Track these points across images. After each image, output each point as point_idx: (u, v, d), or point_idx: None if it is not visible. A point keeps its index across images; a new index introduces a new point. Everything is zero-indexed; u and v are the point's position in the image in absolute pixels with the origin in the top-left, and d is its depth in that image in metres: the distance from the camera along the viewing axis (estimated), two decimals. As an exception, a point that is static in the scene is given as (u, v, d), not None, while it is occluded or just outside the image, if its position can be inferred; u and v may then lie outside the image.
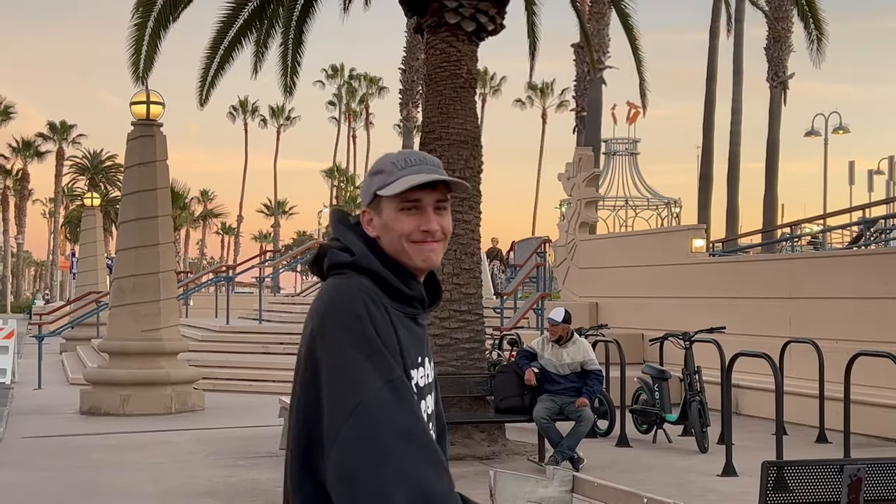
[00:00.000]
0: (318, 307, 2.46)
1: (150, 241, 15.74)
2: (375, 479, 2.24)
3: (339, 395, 2.32)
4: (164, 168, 16.19)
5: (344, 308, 2.41)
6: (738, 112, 36.26)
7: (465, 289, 12.27)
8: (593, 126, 31.69)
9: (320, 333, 2.40)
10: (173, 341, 15.99)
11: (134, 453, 11.74)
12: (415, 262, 2.54)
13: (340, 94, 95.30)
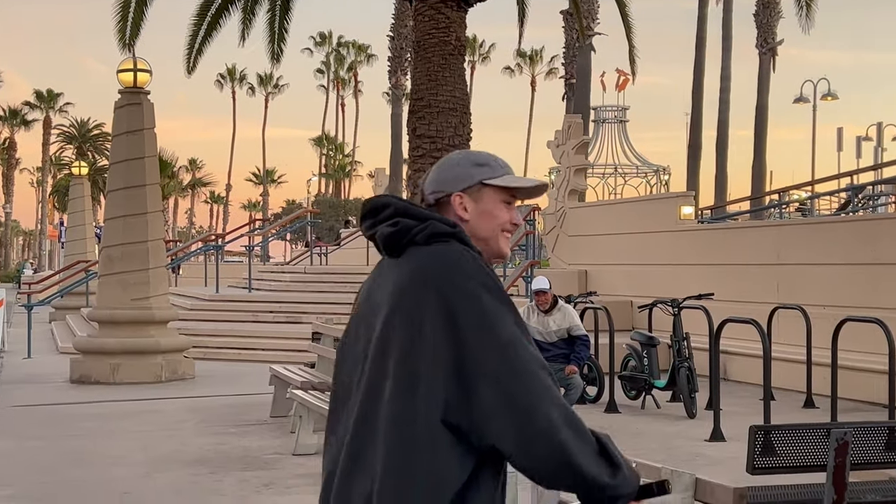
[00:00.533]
0: (436, 267, 2.61)
1: (138, 209, 15.71)
2: (537, 404, 2.49)
3: (489, 337, 2.52)
4: (152, 136, 16.12)
5: (470, 264, 2.62)
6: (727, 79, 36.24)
7: (454, 256, 12.28)
8: (582, 93, 31.62)
9: (452, 285, 2.56)
10: (163, 310, 16.00)
11: (124, 421, 11.76)
12: (501, 249, 2.83)
13: (329, 61, 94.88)
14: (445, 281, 2.58)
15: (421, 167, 12.22)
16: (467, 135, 12.33)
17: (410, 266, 2.64)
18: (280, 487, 8.25)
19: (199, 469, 8.99)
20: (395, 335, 2.57)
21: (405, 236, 2.69)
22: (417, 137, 12.26)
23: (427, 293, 2.57)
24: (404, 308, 2.59)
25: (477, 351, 2.51)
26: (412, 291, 2.59)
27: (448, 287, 2.56)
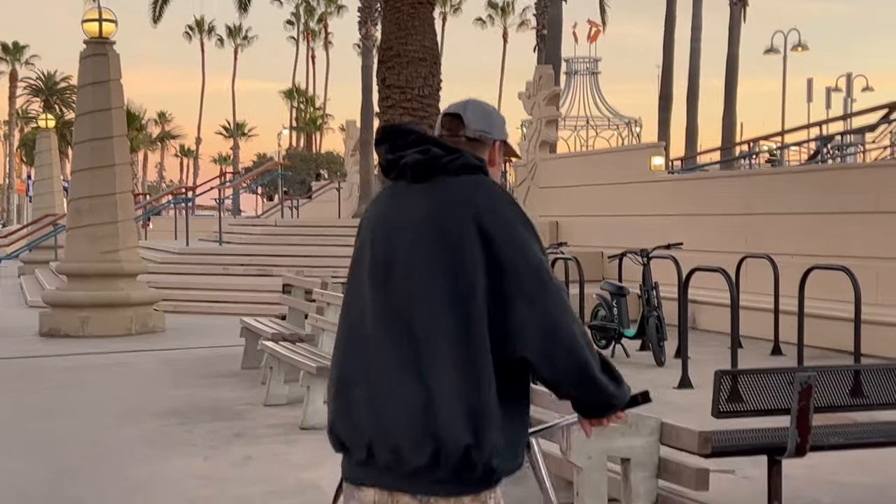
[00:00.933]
0: (468, 197, 2.87)
1: (105, 161, 15.56)
2: (562, 320, 2.81)
3: (522, 262, 2.81)
4: (119, 87, 15.94)
5: (504, 196, 2.93)
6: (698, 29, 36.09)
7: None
8: (553, 45, 31.39)
9: (491, 213, 2.83)
10: (132, 263, 15.91)
11: (94, 374, 11.73)
12: None
13: (298, 12, 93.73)
14: (485, 209, 2.83)
15: (390, 118, 12.15)
16: (437, 85, 12.27)
17: (449, 193, 2.88)
18: (251, 437, 8.26)
19: (169, 420, 8.99)
20: (438, 256, 2.82)
21: (435, 164, 2.91)
22: (387, 88, 12.19)
23: (467, 218, 2.81)
24: (446, 231, 2.82)
25: (512, 274, 2.79)
26: (454, 216, 2.83)
27: (488, 215, 2.82)
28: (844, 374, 6.08)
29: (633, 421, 5.09)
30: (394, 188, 3.01)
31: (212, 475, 7.05)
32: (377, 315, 2.87)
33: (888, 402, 6.20)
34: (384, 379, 2.80)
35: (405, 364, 2.78)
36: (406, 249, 2.86)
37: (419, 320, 2.80)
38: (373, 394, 2.81)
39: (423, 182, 2.91)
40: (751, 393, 5.67)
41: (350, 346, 2.93)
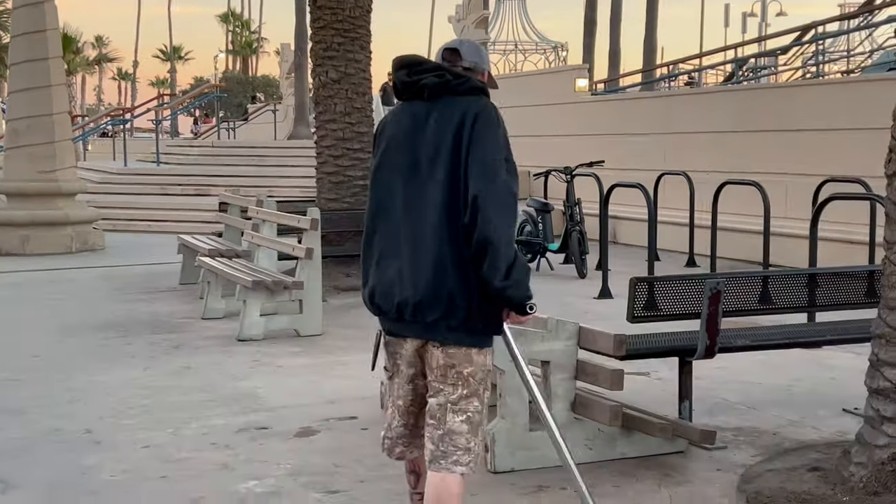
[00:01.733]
0: (473, 108, 3.53)
1: (41, 82, 15.20)
2: (500, 174, 3.47)
3: (492, 148, 3.48)
4: (53, 9, 15.48)
5: (496, 113, 3.56)
6: (622, -44, 35.90)
7: (357, 127, 12.15)
8: (483, -30, 31.06)
9: (476, 117, 3.50)
10: (70, 182, 15.66)
11: (37, 290, 11.58)
12: None
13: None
14: (484, 120, 3.50)
15: (322, 38, 11.96)
16: (368, 6, 12.08)
17: (456, 108, 3.53)
18: (189, 349, 8.24)
19: (109, 333, 8.93)
20: (448, 159, 3.47)
21: (447, 85, 3.58)
22: (318, 9, 11.98)
23: (471, 124, 3.48)
24: (455, 130, 3.48)
25: (477, 160, 3.44)
26: (468, 123, 3.48)
27: (484, 124, 3.49)
28: (752, 280, 6.21)
29: (553, 326, 5.15)
30: (411, 107, 3.64)
31: (151, 385, 7.03)
32: (407, 204, 3.54)
33: (793, 307, 6.35)
34: (411, 254, 3.48)
35: (426, 243, 3.46)
36: (426, 155, 3.52)
37: (437, 209, 3.46)
38: (403, 266, 3.49)
39: (436, 100, 3.57)
40: (665, 299, 5.77)
41: (388, 230, 3.58)
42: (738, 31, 42.27)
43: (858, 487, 4.49)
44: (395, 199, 3.58)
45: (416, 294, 3.45)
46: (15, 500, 4.81)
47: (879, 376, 4.65)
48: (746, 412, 6.16)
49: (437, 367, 3.54)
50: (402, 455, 3.79)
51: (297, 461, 5.33)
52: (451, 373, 3.52)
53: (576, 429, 5.16)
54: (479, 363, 3.56)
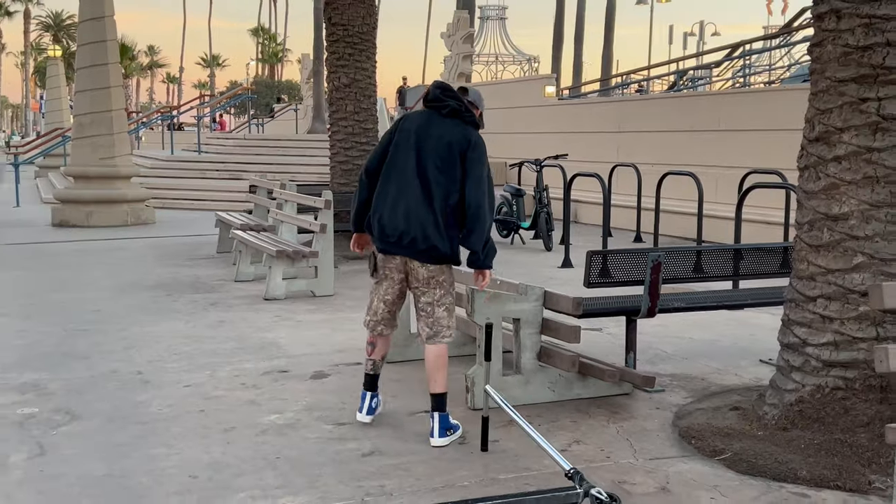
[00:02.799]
0: (466, 134, 4.53)
1: (102, 84, 15.08)
2: (488, 187, 4.53)
3: (483, 169, 4.50)
4: (112, 22, 15.34)
5: (481, 141, 4.55)
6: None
7: (364, 124, 12.09)
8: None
9: (473, 146, 4.50)
10: (126, 167, 15.57)
11: (97, 256, 11.54)
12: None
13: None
14: (480, 148, 4.52)
15: (335, 50, 11.89)
16: (373, 24, 11.99)
17: (459, 128, 4.53)
18: (224, 306, 8.23)
19: (157, 292, 8.91)
20: (445, 154, 4.46)
21: (460, 111, 4.57)
22: (332, 25, 11.89)
23: (463, 143, 4.48)
24: (452, 144, 4.47)
25: (473, 173, 4.46)
26: (458, 140, 4.48)
27: (480, 152, 4.51)
28: (688, 254, 6.21)
29: (523, 290, 5.15)
30: (428, 114, 4.60)
31: (192, 335, 7.02)
32: (413, 174, 4.46)
33: (721, 276, 6.35)
34: (415, 206, 4.43)
35: (424, 201, 4.43)
36: (432, 146, 4.48)
37: (433, 182, 4.44)
38: (409, 212, 4.43)
39: (448, 118, 4.55)
40: (615, 269, 5.77)
41: (399, 188, 4.48)
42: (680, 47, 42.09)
43: (771, 424, 4.52)
44: (407, 166, 4.48)
45: (413, 232, 4.42)
46: (81, 428, 4.82)
47: (790, 333, 4.67)
48: (680, 362, 6.19)
49: (423, 279, 4.54)
50: (381, 332, 4.84)
51: (311, 399, 5.34)
52: (432, 282, 4.55)
53: (540, 374, 5.18)
54: (448, 275, 4.61)
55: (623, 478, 4.08)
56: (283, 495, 3.90)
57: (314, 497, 3.88)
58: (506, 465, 4.25)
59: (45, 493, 3.94)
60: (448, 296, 4.60)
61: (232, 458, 4.36)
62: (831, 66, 4.47)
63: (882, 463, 4.03)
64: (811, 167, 4.61)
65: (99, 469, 4.22)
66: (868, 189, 4.37)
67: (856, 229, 4.40)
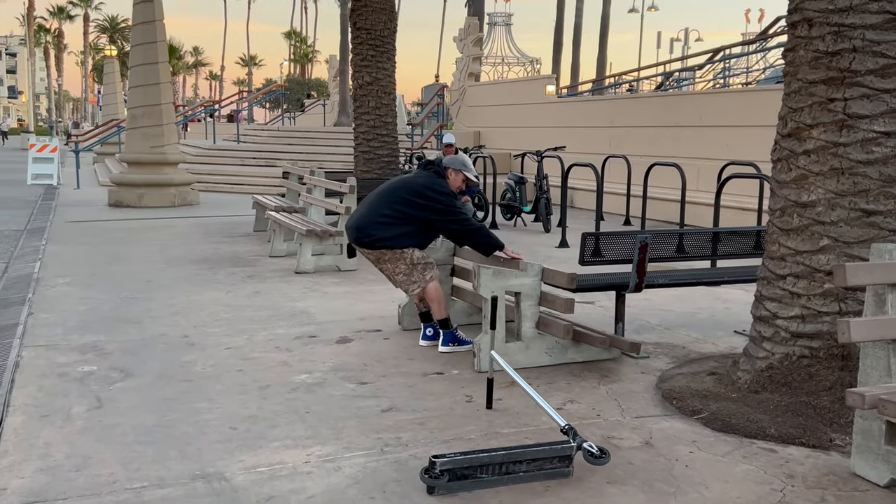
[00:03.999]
0: (429, 184, 5.46)
1: (152, 80, 15.05)
2: (462, 221, 5.44)
3: (450, 207, 5.40)
4: (162, 26, 15.29)
5: (445, 185, 5.50)
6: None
7: (384, 118, 12.06)
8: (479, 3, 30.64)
9: (440, 193, 5.42)
10: (174, 154, 15.55)
11: (147, 233, 11.58)
12: (454, 191, 5.64)
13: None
14: (435, 190, 5.42)
15: (359, 51, 11.84)
16: (394, 28, 11.94)
17: (425, 177, 5.51)
18: (259, 278, 8.25)
19: (201, 265, 8.93)
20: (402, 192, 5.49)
21: (434, 166, 5.59)
22: (357, 29, 11.84)
23: (424, 191, 5.41)
24: (409, 191, 5.46)
25: (446, 211, 5.41)
26: (424, 186, 5.44)
27: (434, 192, 5.40)
28: (671, 236, 6.18)
29: (524, 266, 5.15)
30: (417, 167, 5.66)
31: (231, 303, 7.04)
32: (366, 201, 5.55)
33: (701, 256, 6.33)
34: (364, 213, 5.45)
35: (371, 211, 5.43)
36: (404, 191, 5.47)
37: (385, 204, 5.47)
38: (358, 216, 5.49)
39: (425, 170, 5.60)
40: (607, 249, 5.76)
41: (362, 203, 5.54)
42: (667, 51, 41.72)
43: (743, 387, 4.51)
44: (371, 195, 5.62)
45: (359, 229, 5.50)
46: (134, 384, 4.85)
47: (762, 307, 4.65)
48: (663, 332, 6.18)
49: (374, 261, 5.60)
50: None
51: (336, 361, 5.36)
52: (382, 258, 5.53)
53: (539, 341, 5.18)
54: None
55: (612, 433, 4.09)
56: (313, 444, 3.93)
57: (339, 447, 3.90)
58: (508, 420, 4.26)
59: (103, 441, 3.97)
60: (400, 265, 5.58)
61: (267, 411, 4.39)
62: (803, 70, 4.43)
63: (842, 423, 4.02)
64: (783, 160, 4.57)
65: (150, 420, 4.25)
66: (834, 180, 4.34)
67: (822, 215, 4.37)
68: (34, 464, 3.70)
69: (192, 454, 3.81)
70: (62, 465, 3.69)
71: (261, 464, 3.70)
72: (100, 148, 27.62)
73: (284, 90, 34.96)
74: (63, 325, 6.26)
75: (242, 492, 3.42)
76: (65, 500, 3.34)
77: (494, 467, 3.44)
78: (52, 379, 4.94)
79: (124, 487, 3.45)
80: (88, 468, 3.65)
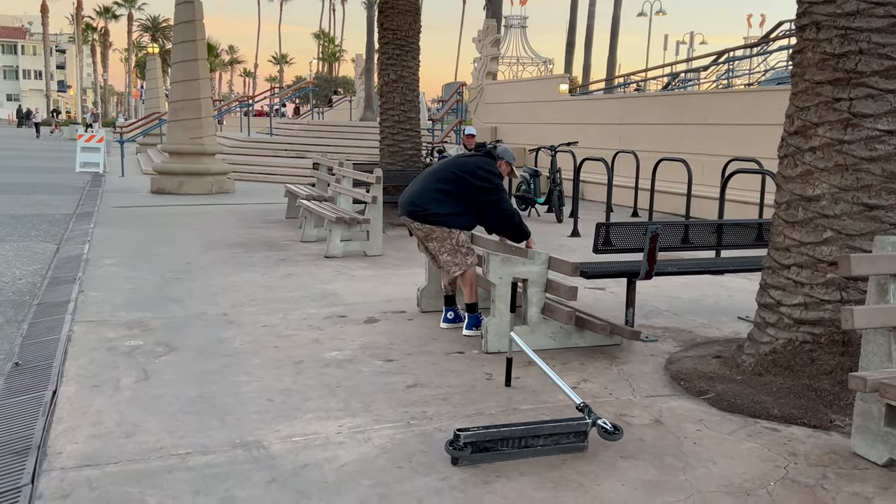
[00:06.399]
0: (481, 163, 5.37)
1: (192, 76, 15.07)
2: (508, 208, 5.36)
3: (499, 187, 5.34)
4: (201, 26, 15.29)
5: (496, 167, 5.39)
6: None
7: (408, 114, 12.01)
8: (496, 6, 30.45)
9: (493, 175, 5.33)
10: (211, 145, 15.58)
11: (188, 218, 11.62)
12: (504, 176, 5.53)
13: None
14: (486, 171, 5.33)
15: (385, 51, 11.79)
16: (418, 29, 11.87)
17: (479, 157, 5.44)
18: (292, 262, 8.26)
19: (237, 249, 8.95)
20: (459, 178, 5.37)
21: (486, 148, 5.56)
22: (384, 30, 11.78)
23: (475, 171, 5.34)
24: (466, 171, 5.36)
25: (493, 193, 5.34)
26: (465, 166, 5.36)
27: (483, 171, 5.33)
28: (679, 227, 6.12)
29: (532, 255, 5.10)
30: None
31: (266, 284, 7.06)
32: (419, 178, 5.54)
33: (706, 246, 6.26)
34: (419, 188, 5.41)
35: (426, 187, 5.38)
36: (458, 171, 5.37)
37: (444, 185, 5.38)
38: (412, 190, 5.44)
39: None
40: (619, 238, 5.69)
41: (416, 180, 5.53)
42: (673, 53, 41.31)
43: (748, 370, 4.47)
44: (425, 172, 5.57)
45: (414, 204, 5.44)
46: (177, 358, 4.87)
47: (766, 295, 4.60)
48: (671, 317, 6.13)
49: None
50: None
51: (365, 339, 5.36)
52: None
53: (543, 326, 5.12)
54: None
55: (623, 411, 4.07)
56: (343, 416, 3.93)
57: (369, 419, 3.91)
58: (526, 398, 4.25)
59: (149, 410, 4.00)
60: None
61: (301, 385, 4.40)
62: (810, 70, 4.36)
63: (842, 405, 3.98)
64: (790, 156, 4.51)
65: (192, 391, 4.27)
66: (838, 175, 4.28)
67: (826, 209, 4.31)
68: (87, 430, 3.72)
69: (233, 424, 3.82)
70: (113, 431, 3.71)
71: (296, 433, 3.71)
72: (143, 139, 27.76)
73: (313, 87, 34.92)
74: (111, 302, 6.30)
75: (279, 459, 3.43)
76: (116, 465, 3.36)
77: (514, 441, 3.43)
78: (101, 352, 4.97)
79: (170, 453, 3.47)
80: (137, 435, 3.67)
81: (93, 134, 21.74)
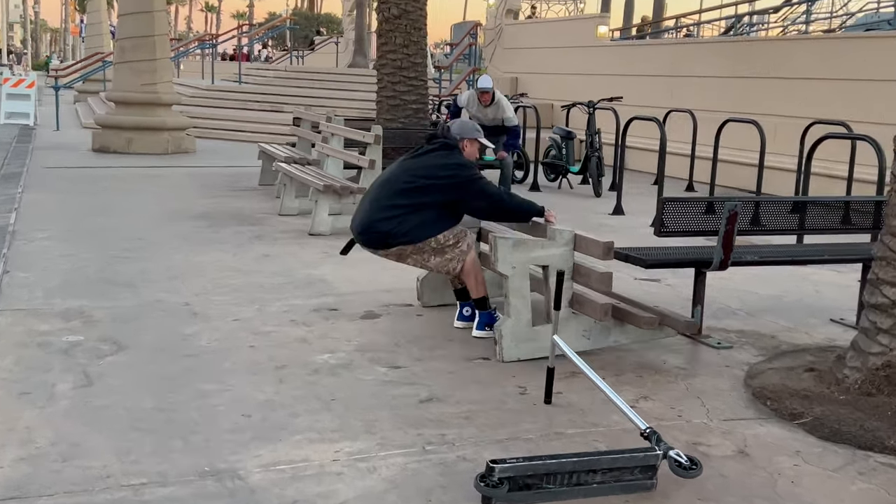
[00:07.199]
0: (440, 160, 5.20)
1: (145, 7, 14.80)
2: (493, 193, 5.24)
3: (475, 178, 5.17)
4: (156, -54, 15.05)
5: (461, 158, 5.29)
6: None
7: (413, 58, 11.78)
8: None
9: (461, 167, 5.19)
10: (168, 94, 15.36)
11: (139, 183, 11.42)
12: (470, 159, 5.45)
13: None
14: (461, 166, 5.20)
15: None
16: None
17: (435, 156, 5.25)
18: (269, 239, 8.07)
19: (200, 222, 8.76)
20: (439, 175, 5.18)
21: (440, 139, 5.34)
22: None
23: (455, 169, 5.19)
24: (441, 172, 5.19)
25: (473, 182, 5.19)
26: (439, 167, 5.17)
27: (460, 168, 5.20)
28: (756, 203, 5.87)
29: (552, 234, 4.88)
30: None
31: (238, 268, 6.87)
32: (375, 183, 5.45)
33: (781, 230, 5.99)
34: (369, 210, 5.24)
35: (376, 207, 5.22)
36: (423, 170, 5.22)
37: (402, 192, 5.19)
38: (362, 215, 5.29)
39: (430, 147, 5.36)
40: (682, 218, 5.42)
41: (363, 199, 5.40)
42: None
43: (854, 388, 4.27)
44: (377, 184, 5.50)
45: (364, 225, 5.40)
46: (127, 358, 4.69)
47: (878, 293, 4.39)
48: (746, 318, 5.93)
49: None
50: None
51: (363, 339, 5.17)
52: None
53: (573, 322, 4.89)
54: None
55: (697, 439, 3.87)
56: (341, 439, 3.74)
57: (372, 443, 3.72)
58: (572, 418, 4.06)
59: (92, 425, 3.81)
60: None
61: (286, 397, 4.21)
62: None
63: (977, 436, 3.79)
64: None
65: (147, 402, 4.09)
66: (976, 142, 4.05)
67: (959, 185, 4.10)
68: (13, 451, 3.54)
69: (199, 445, 3.63)
70: (46, 453, 3.53)
71: (281, 460, 3.52)
72: (82, 85, 27.53)
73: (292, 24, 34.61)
74: (43, 286, 6.12)
75: (261, 493, 3.24)
76: (51, 497, 3.17)
77: (563, 476, 3.24)
78: (32, 349, 4.79)
79: (120, 483, 3.28)
80: (77, 458, 3.49)
81: (21, 78, 21.49)
